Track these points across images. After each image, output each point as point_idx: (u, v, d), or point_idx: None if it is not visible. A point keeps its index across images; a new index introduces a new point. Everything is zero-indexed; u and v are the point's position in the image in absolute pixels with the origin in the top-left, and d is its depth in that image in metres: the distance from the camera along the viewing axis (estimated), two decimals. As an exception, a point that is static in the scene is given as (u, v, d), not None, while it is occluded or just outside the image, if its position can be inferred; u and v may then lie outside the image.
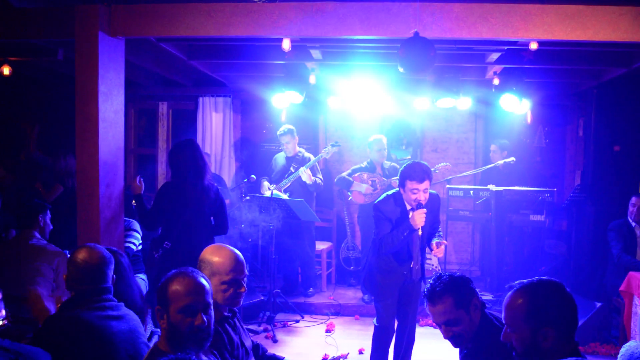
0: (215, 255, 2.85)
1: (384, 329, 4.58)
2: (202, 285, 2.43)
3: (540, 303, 2.25)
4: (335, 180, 6.98)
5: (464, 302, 2.79)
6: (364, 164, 6.90)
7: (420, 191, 4.17)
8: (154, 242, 4.87)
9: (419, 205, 4.19)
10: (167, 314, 2.38)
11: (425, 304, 2.88)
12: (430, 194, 4.34)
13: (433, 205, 4.45)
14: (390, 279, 4.47)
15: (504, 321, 2.35)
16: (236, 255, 2.88)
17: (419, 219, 4.19)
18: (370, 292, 4.40)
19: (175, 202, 4.67)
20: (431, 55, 4.21)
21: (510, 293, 2.34)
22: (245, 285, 2.90)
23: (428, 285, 2.87)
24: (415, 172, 4.17)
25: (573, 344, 2.27)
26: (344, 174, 6.89)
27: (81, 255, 2.89)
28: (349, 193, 6.85)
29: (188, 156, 4.68)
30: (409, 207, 4.29)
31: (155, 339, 3.31)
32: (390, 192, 4.48)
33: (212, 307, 2.47)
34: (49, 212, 4.74)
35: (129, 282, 3.34)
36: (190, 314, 2.36)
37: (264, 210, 6.15)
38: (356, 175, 6.80)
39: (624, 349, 2.75)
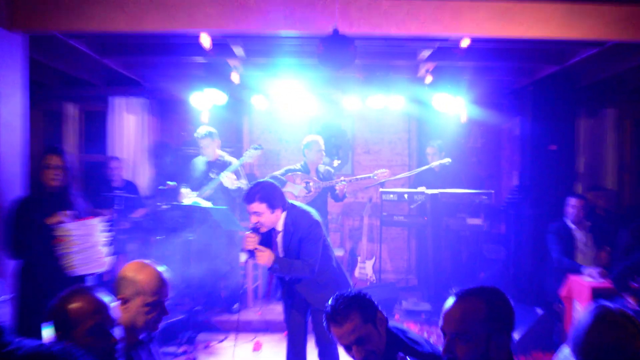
0: (140, 273, 2.75)
1: None
2: (105, 302, 2.33)
3: (499, 307, 2.24)
4: (267, 179, 6.89)
5: (370, 315, 2.80)
6: (298, 166, 6.83)
7: (251, 214, 4.11)
8: None
9: (254, 228, 4.11)
10: (71, 338, 2.21)
11: (329, 328, 2.84)
12: (299, 220, 4.23)
13: (295, 232, 4.23)
14: None
15: (448, 330, 2.27)
16: (163, 276, 2.80)
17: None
18: None
19: None
20: (350, 53, 4.24)
21: (455, 299, 2.29)
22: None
23: (328, 308, 2.84)
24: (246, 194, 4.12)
25: (510, 355, 2.29)
26: (277, 173, 6.78)
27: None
28: None
29: None
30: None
31: None
32: None
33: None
34: None
35: None
36: (102, 333, 2.26)
37: (183, 219, 6.04)
38: (289, 175, 6.73)
39: (560, 355, 2.83)
